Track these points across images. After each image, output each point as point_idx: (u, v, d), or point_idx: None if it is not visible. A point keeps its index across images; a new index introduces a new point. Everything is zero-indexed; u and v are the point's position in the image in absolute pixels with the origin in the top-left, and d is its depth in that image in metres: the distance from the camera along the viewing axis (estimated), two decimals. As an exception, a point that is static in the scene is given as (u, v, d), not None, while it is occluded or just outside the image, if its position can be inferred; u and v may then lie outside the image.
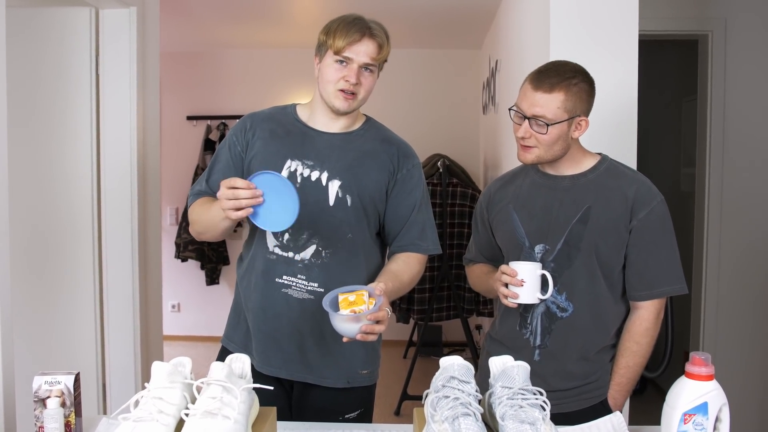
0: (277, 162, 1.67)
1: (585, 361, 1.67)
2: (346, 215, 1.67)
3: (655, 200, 1.63)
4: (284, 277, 1.67)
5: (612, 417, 1.40)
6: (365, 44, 1.61)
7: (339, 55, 1.61)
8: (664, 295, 1.65)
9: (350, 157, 1.69)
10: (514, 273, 1.60)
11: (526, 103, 1.60)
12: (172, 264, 5.24)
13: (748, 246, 3.35)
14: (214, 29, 4.77)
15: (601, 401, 1.68)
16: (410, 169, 1.74)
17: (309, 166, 1.67)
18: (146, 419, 1.18)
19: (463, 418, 1.17)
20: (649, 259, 1.63)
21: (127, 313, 2.92)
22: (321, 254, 1.66)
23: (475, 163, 5.21)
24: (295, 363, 1.70)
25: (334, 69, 1.63)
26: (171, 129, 5.37)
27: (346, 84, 1.62)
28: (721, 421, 1.25)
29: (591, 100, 1.64)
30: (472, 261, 1.93)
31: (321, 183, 1.66)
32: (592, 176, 1.67)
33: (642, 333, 1.65)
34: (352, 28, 1.61)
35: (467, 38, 4.95)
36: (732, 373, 3.19)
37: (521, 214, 1.71)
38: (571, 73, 1.59)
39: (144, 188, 3.00)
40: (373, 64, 1.63)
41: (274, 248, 1.67)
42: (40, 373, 1.37)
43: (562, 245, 1.64)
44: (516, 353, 1.66)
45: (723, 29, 3.33)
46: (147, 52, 3.02)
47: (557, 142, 1.61)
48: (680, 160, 4.29)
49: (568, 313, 1.65)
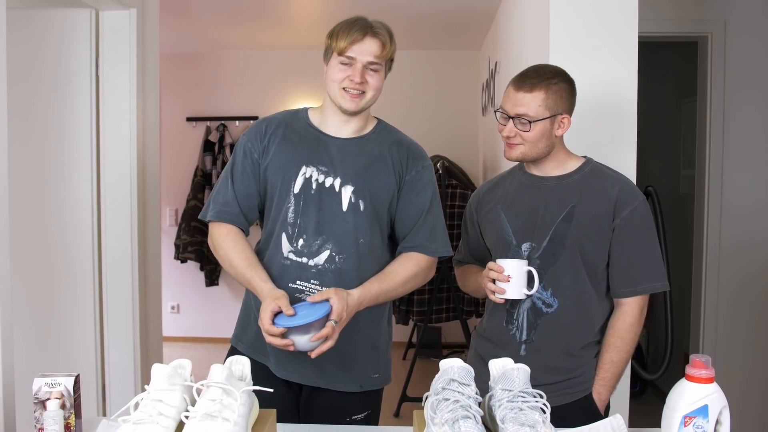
0: (293, 168, 1.67)
1: (570, 357, 1.71)
2: (359, 220, 1.67)
3: (637, 200, 1.69)
4: (298, 282, 1.67)
5: (612, 419, 1.40)
6: (368, 43, 1.62)
7: (342, 55, 1.62)
8: (646, 292, 1.71)
9: (362, 162, 1.69)
10: (501, 269, 1.65)
11: (509, 104, 1.69)
12: (172, 265, 5.23)
13: (748, 248, 3.35)
14: (213, 30, 4.77)
15: (585, 396, 1.71)
16: (419, 171, 1.74)
17: (323, 171, 1.67)
18: (146, 421, 1.18)
19: (463, 421, 1.17)
20: (632, 256, 1.68)
21: (126, 315, 2.92)
22: (335, 259, 1.66)
23: (475, 164, 5.22)
24: (309, 368, 1.70)
25: (338, 69, 1.64)
26: (171, 130, 5.37)
27: (350, 83, 1.63)
28: (722, 424, 1.25)
29: (572, 99, 1.71)
30: (461, 262, 1.99)
31: (334, 189, 1.66)
32: (577, 177, 1.73)
33: (626, 329, 1.70)
34: (353, 27, 1.62)
35: (467, 40, 4.95)
36: (732, 376, 3.19)
37: (508, 213, 1.77)
38: (551, 74, 1.68)
39: (143, 189, 3.00)
40: (377, 62, 1.64)
41: (289, 253, 1.67)
42: (39, 374, 1.37)
43: (548, 243, 1.69)
44: (502, 349, 1.71)
45: (723, 31, 3.33)
46: (147, 54, 3.02)
47: (541, 139, 1.68)
48: (680, 162, 4.29)
49: (553, 309, 1.70)
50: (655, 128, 4.31)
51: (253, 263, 1.64)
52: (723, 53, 3.34)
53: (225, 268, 1.70)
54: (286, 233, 1.67)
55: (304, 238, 1.66)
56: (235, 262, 1.65)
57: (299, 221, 1.66)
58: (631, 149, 2.25)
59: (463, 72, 5.33)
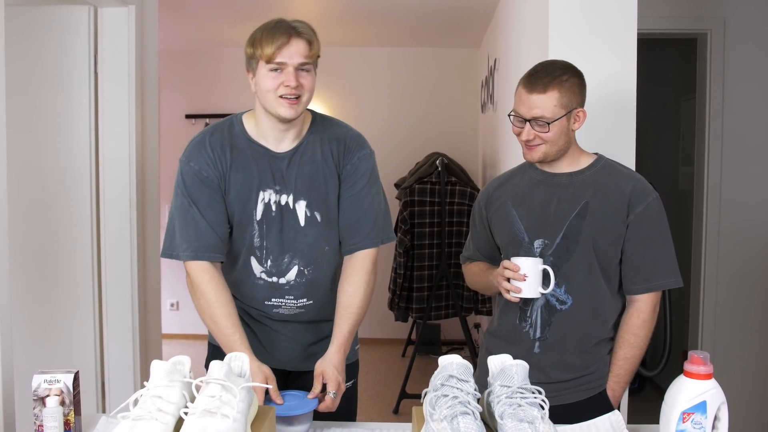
0: (251, 195, 1.64)
1: (584, 353, 1.70)
2: (319, 231, 1.67)
3: (651, 196, 1.68)
4: (273, 300, 1.71)
5: (611, 416, 1.41)
6: (294, 45, 1.55)
7: (271, 62, 1.55)
8: (660, 288, 1.70)
9: (307, 171, 1.65)
10: (517, 268, 1.64)
11: (524, 108, 1.66)
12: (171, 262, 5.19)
13: (747, 245, 3.36)
14: (212, 27, 4.76)
15: (599, 392, 1.71)
16: (354, 163, 1.69)
17: (277, 191, 1.65)
18: (145, 418, 1.18)
19: (462, 417, 1.17)
20: (645, 253, 1.67)
21: (125, 312, 2.92)
22: (304, 273, 1.68)
23: (474, 161, 5.22)
24: (297, 359, 1.74)
25: (270, 78, 1.56)
26: (169, 127, 5.36)
27: (286, 89, 1.55)
28: (720, 420, 1.25)
29: (583, 92, 1.70)
30: (470, 259, 1.96)
31: (290, 206, 1.65)
32: (589, 173, 1.72)
33: (639, 325, 1.69)
34: (276, 32, 1.55)
35: (466, 37, 4.94)
36: (731, 372, 3.20)
37: (520, 210, 1.75)
38: (561, 70, 1.66)
39: (143, 186, 3.00)
40: (308, 62, 1.57)
41: (261, 274, 1.69)
42: (39, 371, 1.37)
43: (561, 239, 1.68)
44: (516, 347, 1.70)
45: (722, 28, 3.33)
46: (146, 51, 3.02)
47: (561, 137, 1.66)
48: (679, 159, 4.29)
49: (567, 306, 1.69)
50: (654, 125, 4.31)
51: (237, 324, 1.61)
52: (722, 50, 3.34)
53: (201, 316, 1.65)
54: (254, 256, 1.68)
55: (272, 258, 1.67)
56: (217, 317, 1.61)
57: (265, 243, 1.67)
58: (631, 146, 2.25)
59: (462, 69, 5.32)
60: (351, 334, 1.66)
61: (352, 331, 1.67)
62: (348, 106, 5.15)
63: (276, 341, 1.76)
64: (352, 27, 4.67)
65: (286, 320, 1.74)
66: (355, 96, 5.23)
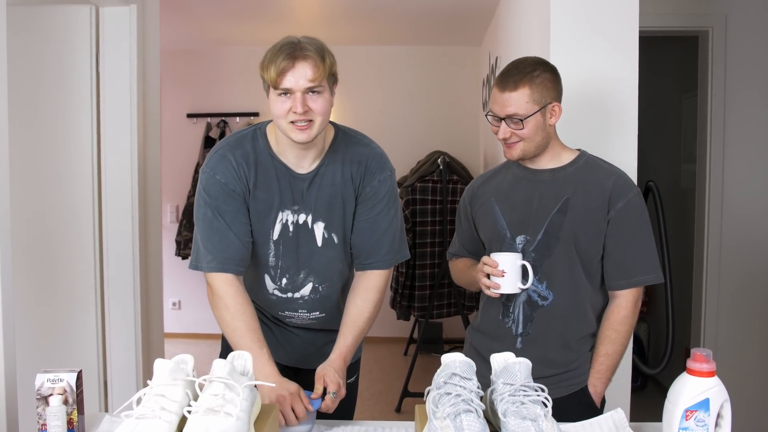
0: (270, 215, 1.63)
1: (566, 349, 1.72)
2: (335, 251, 1.68)
3: (632, 192, 1.70)
4: (287, 312, 1.75)
5: (613, 413, 1.41)
6: (300, 68, 1.48)
7: (278, 88, 1.51)
8: (641, 284, 1.71)
9: (327, 194, 1.64)
10: (495, 264, 1.65)
11: (497, 106, 1.68)
12: (173, 261, 5.24)
13: (749, 242, 3.35)
14: (214, 26, 4.76)
15: (581, 388, 1.72)
16: (374, 186, 1.66)
17: (296, 210, 1.64)
18: (149, 416, 1.18)
19: (465, 415, 1.17)
20: (626, 249, 1.69)
21: (128, 311, 2.92)
22: (318, 289, 1.71)
23: (476, 159, 5.21)
24: (311, 359, 1.75)
25: (279, 103, 1.52)
26: (171, 126, 5.36)
27: (294, 116, 1.50)
28: (723, 418, 1.25)
29: (558, 87, 1.71)
30: (455, 255, 1.98)
31: (308, 226, 1.65)
32: (571, 170, 1.73)
33: (620, 321, 1.70)
34: (279, 56, 1.49)
35: (467, 35, 4.94)
36: (733, 369, 3.19)
37: (503, 206, 1.77)
38: (531, 66, 1.67)
39: (144, 186, 3.01)
40: (316, 85, 1.50)
41: (274, 291, 1.71)
42: (42, 370, 1.37)
43: (542, 236, 1.69)
44: (499, 342, 1.72)
45: (723, 25, 3.33)
46: (147, 50, 3.02)
47: (537, 132, 1.68)
48: (680, 157, 4.28)
49: (548, 302, 1.70)
50: (655, 123, 4.31)
51: (261, 339, 1.58)
52: (724, 48, 3.33)
53: (224, 329, 1.62)
54: (268, 274, 1.69)
55: (288, 277, 1.69)
56: (242, 331, 1.58)
57: (280, 263, 1.67)
58: (632, 144, 2.25)
59: (463, 67, 5.32)
60: (354, 345, 1.67)
61: (356, 343, 1.67)
62: (349, 104, 5.15)
63: (291, 339, 1.81)
64: (354, 25, 4.66)
65: (298, 326, 1.79)
66: (356, 94, 5.22)
